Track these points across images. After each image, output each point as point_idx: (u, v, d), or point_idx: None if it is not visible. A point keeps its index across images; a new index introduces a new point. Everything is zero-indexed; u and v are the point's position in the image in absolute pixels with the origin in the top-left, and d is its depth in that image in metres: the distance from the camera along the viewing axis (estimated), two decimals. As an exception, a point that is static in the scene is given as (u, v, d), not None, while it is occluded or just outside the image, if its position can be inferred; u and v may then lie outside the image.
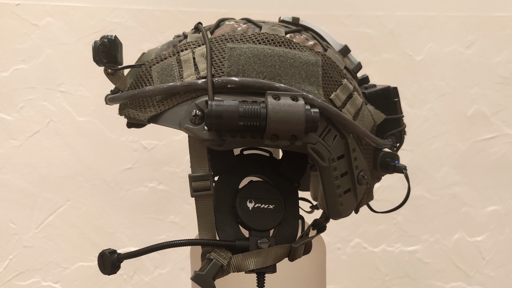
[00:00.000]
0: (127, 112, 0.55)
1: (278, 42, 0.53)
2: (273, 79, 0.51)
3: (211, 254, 0.53)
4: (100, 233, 1.16)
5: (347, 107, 0.55)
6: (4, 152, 1.13)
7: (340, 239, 1.21)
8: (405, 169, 0.60)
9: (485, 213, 1.21)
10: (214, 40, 0.53)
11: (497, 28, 1.18)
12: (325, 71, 0.54)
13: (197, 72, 0.52)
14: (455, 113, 1.20)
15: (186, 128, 0.50)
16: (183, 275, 1.18)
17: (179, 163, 1.17)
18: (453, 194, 1.21)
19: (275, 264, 0.55)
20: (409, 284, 1.23)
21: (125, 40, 0.59)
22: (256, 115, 0.48)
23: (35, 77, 1.13)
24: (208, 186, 0.52)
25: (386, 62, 1.17)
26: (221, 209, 0.55)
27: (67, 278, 1.16)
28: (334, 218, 0.59)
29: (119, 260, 0.54)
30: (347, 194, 0.56)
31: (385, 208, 0.64)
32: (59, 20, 1.13)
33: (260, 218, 0.55)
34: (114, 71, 0.56)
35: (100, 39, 0.54)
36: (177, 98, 0.52)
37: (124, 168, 1.16)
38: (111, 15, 1.14)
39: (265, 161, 0.59)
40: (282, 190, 0.57)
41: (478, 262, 1.23)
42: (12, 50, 1.12)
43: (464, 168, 1.20)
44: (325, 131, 0.52)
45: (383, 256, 1.22)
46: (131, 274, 1.17)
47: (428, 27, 1.16)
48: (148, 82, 0.54)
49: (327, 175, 0.54)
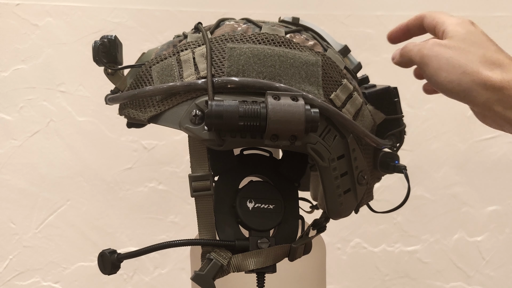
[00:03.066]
0: (127, 112, 0.55)
1: (278, 42, 0.53)
2: (273, 79, 0.51)
3: (211, 254, 0.53)
4: (100, 233, 1.16)
5: (347, 107, 0.55)
6: (4, 152, 1.13)
7: (340, 239, 1.21)
8: (405, 169, 0.60)
9: (485, 213, 1.21)
10: (214, 40, 0.53)
11: (497, 28, 1.18)
12: (325, 71, 0.54)
13: (197, 72, 0.52)
14: (455, 113, 1.19)
15: (186, 128, 0.50)
16: (183, 275, 1.18)
17: (179, 163, 1.17)
18: (453, 194, 1.21)
19: (275, 264, 0.55)
20: (409, 284, 1.23)
21: (125, 40, 0.59)
22: (256, 115, 0.48)
23: (35, 77, 1.13)
24: (208, 186, 0.52)
25: (386, 62, 1.16)
26: (221, 209, 0.55)
27: (67, 278, 1.16)
28: (334, 218, 0.59)
29: (119, 260, 0.54)
30: (347, 194, 0.56)
31: (385, 208, 0.64)
32: (59, 20, 1.13)
33: (260, 218, 0.55)
34: (114, 71, 0.56)
35: (100, 39, 0.54)
36: (177, 98, 0.52)
37: (124, 168, 1.16)
38: (111, 15, 1.14)
39: (265, 161, 0.59)
40: (282, 190, 0.57)
41: (478, 262, 1.23)
42: (12, 50, 1.12)
43: (464, 168, 1.20)
44: (325, 131, 0.52)
45: (383, 256, 1.22)
46: (131, 274, 1.17)
47: (428, 27, 1.16)
48: (148, 82, 0.54)
49: (327, 175, 0.54)
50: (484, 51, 0.50)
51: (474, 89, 0.49)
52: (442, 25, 0.54)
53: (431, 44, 0.52)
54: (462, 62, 0.49)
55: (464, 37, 0.51)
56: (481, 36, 0.52)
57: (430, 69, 0.52)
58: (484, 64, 0.49)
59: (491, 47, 0.51)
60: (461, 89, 0.49)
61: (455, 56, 0.50)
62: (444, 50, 0.51)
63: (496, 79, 0.48)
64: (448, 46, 0.51)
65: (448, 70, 0.50)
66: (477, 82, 0.49)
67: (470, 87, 0.49)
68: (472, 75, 0.49)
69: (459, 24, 0.52)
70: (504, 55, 0.50)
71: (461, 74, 0.49)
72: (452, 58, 0.50)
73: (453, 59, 0.50)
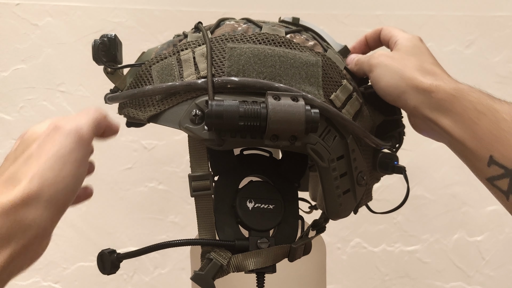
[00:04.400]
0: (127, 111, 0.55)
1: (279, 42, 0.53)
2: (273, 79, 0.51)
3: (210, 254, 0.53)
4: (100, 233, 1.16)
5: (347, 108, 0.55)
6: (4, 152, 1.13)
7: (340, 239, 1.21)
8: (404, 169, 0.61)
9: (485, 213, 1.21)
10: (214, 39, 0.53)
11: (496, 28, 1.18)
12: (325, 71, 0.54)
13: (197, 71, 0.52)
14: (455, 113, 1.19)
15: (186, 127, 0.50)
16: (183, 275, 1.18)
17: (179, 163, 1.17)
18: (453, 194, 1.21)
19: (274, 264, 0.55)
20: (409, 284, 1.22)
21: (125, 40, 0.59)
22: (256, 115, 0.48)
23: (35, 77, 1.13)
24: (208, 186, 0.52)
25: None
26: (221, 209, 0.55)
27: (67, 278, 1.16)
28: (333, 218, 0.59)
29: (119, 260, 0.54)
30: (346, 195, 0.56)
31: (385, 208, 0.64)
32: (59, 20, 1.13)
33: (260, 218, 0.55)
34: (113, 70, 0.56)
35: (100, 38, 0.54)
36: (177, 98, 0.52)
37: (124, 168, 1.16)
38: (111, 15, 1.14)
39: (265, 161, 0.59)
40: (282, 190, 0.57)
41: (478, 262, 1.23)
42: (12, 50, 1.12)
43: (464, 168, 1.19)
44: (325, 132, 0.52)
45: (383, 256, 1.22)
46: (131, 274, 1.17)
47: (428, 27, 1.16)
48: (148, 82, 0.54)
49: (326, 175, 0.54)
50: (422, 62, 0.55)
51: (408, 92, 0.53)
52: (395, 39, 0.59)
53: (378, 54, 0.57)
54: (400, 68, 0.54)
55: (408, 49, 0.57)
56: (423, 50, 0.57)
57: (374, 75, 0.56)
58: (419, 72, 0.53)
59: (429, 59, 0.56)
60: (396, 92, 0.54)
61: (395, 64, 0.55)
62: (388, 59, 0.56)
63: (426, 83, 0.52)
64: (392, 56, 0.56)
65: (388, 75, 0.55)
66: (410, 86, 0.53)
67: (404, 90, 0.53)
68: (407, 79, 0.53)
69: (407, 39, 0.58)
70: (440, 68, 0.55)
71: (398, 79, 0.54)
72: (392, 65, 0.55)
73: (393, 66, 0.55)
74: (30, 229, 0.38)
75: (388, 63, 0.55)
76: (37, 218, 0.38)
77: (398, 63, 0.55)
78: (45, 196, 0.39)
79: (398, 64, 0.55)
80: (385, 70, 0.55)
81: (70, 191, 0.41)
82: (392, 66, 0.55)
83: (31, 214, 0.38)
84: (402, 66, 0.54)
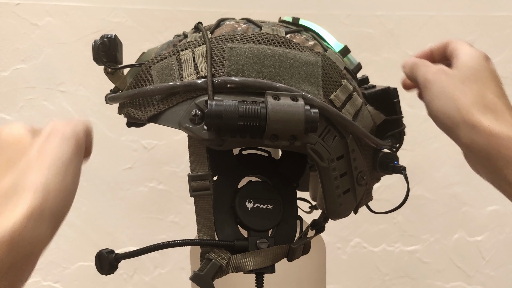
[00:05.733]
0: (127, 111, 0.55)
1: (278, 42, 0.53)
2: (273, 79, 0.51)
3: (210, 254, 0.53)
4: (100, 233, 1.16)
5: (347, 108, 0.55)
6: (4, 152, 1.13)
7: (340, 239, 1.21)
8: (404, 170, 0.60)
9: (485, 213, 1.21)
10: (214, 39, 0.53)
11: (496, 28, 1.18)
12: (325, 71, 0.54)
13: (197, 71, 0.52)
14: (455, 113, 1.19)
15: (186, 127, 0.50)
16: (183, 275, 1.18)
17: (179, 163, 1.17)
18: (453, 194, 1.21)
19: (274, 265, 0.55)
20: (409, 284, 1.22)
21: (125, 40, 0.59)
22: (256, 115, 0.48)
23: (35, 77, 1.13)
24: (207, 185, 0.52)
25: (386, 62, 1.17)
26: (220, 209, 0.55)
27: (67, 278, 1.16)
28: (333, 218, 0.59)
29: (117, 260, 0.54)
30: (346, 195, 0.56)
31: (385, 208, 0.64)
32: (59, 19, 1.13)
33: (259, 218, 0.55)
34: (114, 70, 0.56)
35: (100, 38, 0.54)
36: (177, 98, 0.52)
37: (124, 168, 1.16)
38: (111, 15, 1.14)
39: (264, 161, 0.59)
40: (281, 190, 0.57)
41: (478, 262, 1.23)
42: (12, 50, 1.12)
43: (464, 168, 1.19)
44: (324, 132, 0.52)
45: (383, 256, 1.22)
46: (131, 274, 1.17)
47: (428, 27, 1.16)
48: (148, 82, 0.54)
49: (326, 175, 0.54)
50: (483, 92, 0.48)
51: (462, 128, 0.48)
52: (458, 53, 0.52)
53: (436, 69, 0.51)
54: (458, 96, 0.48)
55: (470, 70, 0.50)
56: (488, 74, 0.50)
57: (428, 94, 0.51)
58: (479, 106, 0.47)
59: (492, 87, 0.49)
60: (449, 123, 0.49)
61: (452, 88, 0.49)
62: (446, 80, 0.49)
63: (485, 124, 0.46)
64: (451, 75, 0.50)
65: (442, 100, 0.49)
66: (466, 121, 0.47)
67: (458, 124, 0.48)
68: (464, 112, 0.47)
69: (471, 57, 0.51)
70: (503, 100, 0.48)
71: (453, 108, 0.48)
72: (449, 90, 0.49)
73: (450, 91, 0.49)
74: (26, 248, 0.33)
75: (446, 85, 0.49)
76: (40, 235, 0.34)
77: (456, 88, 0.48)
78: (49, 209, 0.35)
79: (456, 90, 0.48)
80: (440, 92, 0.49)
81: (69, 202, 0.38)
82: (449, 90, 0.48)
83: (33, 232, 0.34)
84: (460, 93, 0.48)
